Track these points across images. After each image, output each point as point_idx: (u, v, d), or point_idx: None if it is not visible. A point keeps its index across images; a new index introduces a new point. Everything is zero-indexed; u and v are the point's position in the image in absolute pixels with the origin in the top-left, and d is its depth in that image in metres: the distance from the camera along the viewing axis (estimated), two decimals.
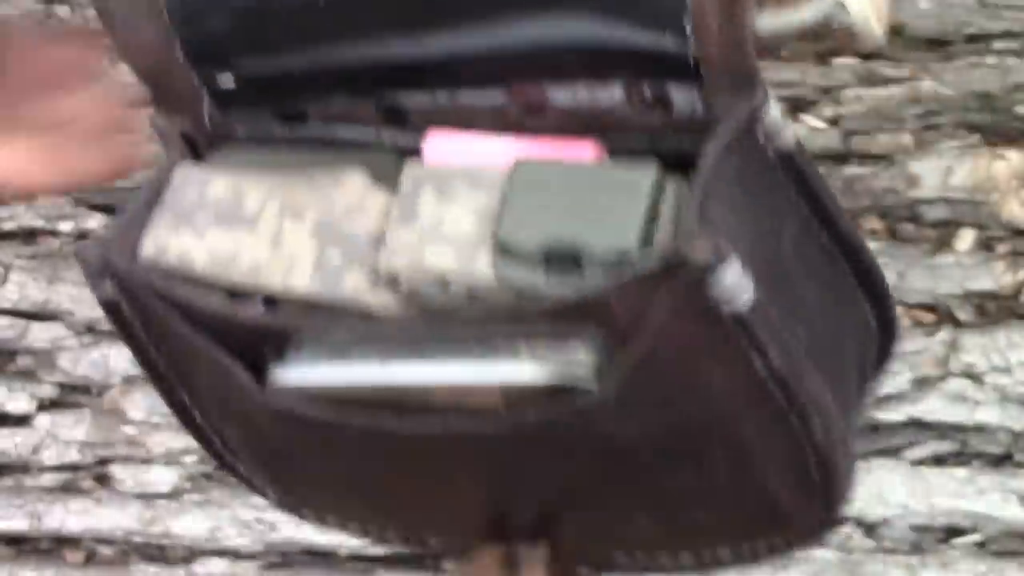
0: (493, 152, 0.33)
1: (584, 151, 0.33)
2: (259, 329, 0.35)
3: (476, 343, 0.33)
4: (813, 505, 0.38)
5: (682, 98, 0.33)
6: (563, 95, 0.34)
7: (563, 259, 0.32)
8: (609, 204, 0.32)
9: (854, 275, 0.36)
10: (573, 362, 0.32)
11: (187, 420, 0.42)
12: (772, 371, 0.32)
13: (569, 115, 0.34)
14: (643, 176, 0.32)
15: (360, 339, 0.34)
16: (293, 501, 0.45)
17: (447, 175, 0.34)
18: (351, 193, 0.35)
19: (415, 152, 0.35)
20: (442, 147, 0.34)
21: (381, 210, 0.34)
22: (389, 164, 0.35)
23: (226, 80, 0.37)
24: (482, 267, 0.33)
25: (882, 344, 0.38)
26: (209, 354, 0.36)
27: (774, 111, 0.32)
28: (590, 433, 0.34)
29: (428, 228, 0.34)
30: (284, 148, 0.37)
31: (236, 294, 0.36)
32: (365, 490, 0.41)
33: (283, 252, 0.35)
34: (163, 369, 0.40)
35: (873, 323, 0.38)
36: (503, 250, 0.33)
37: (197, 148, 0.37)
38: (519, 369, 0.33)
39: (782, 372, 0.32)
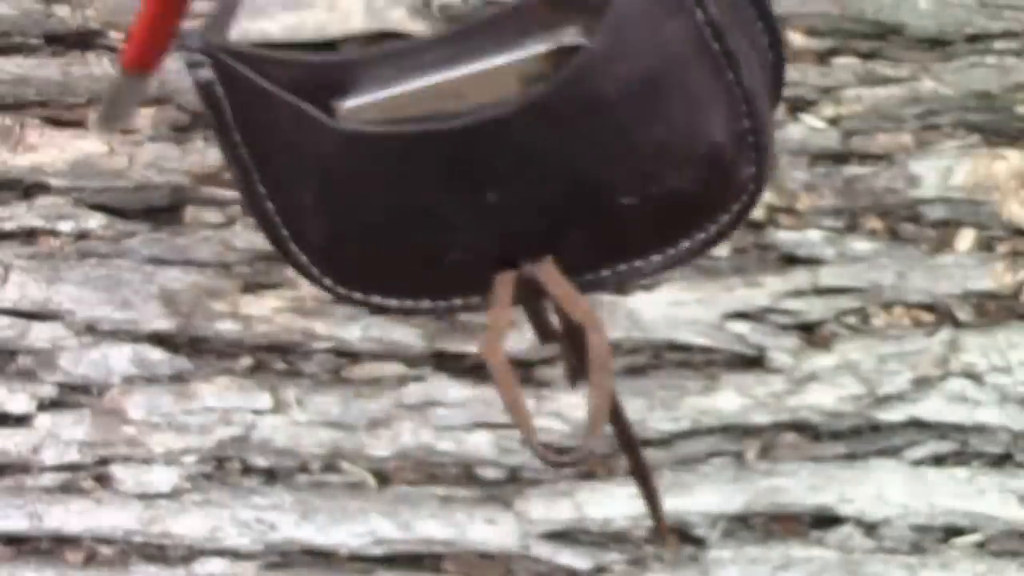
0: None
1: None
2: (327, 68, 0.44)
3: (492, 44, 0.43)
4: (748, 154, 0.46)
5: None
6: None
7: None
8: None
9: (758, 15, 0.48)
10: (567, 34, 0.42)
11: (259, 211, 0.47)
12: (710, 21, 0.42)
13: None
14: None
15: (402, 65, 0.43)
16: (345, 282, 0.49)
17: None
18: None
19: None
20: None
21: None
22: None
23: None
24: None
25: (775, 78, 0.49)
26: (286, 105, 0.43)
27: None
28: (585, 93, 0.43)
29: None
30: None
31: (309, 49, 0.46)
32: (405, 245, 0.47)
33: (338, 11, 0.46)
34: (245, 155, 0.46)
35: (770, 55, 0.48)
36: None
37: None
38: (527, 50, 0.42)
39: (717, 22, 0.42)
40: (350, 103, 0.43)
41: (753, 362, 0.74)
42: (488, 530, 0.73)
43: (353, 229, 0.47)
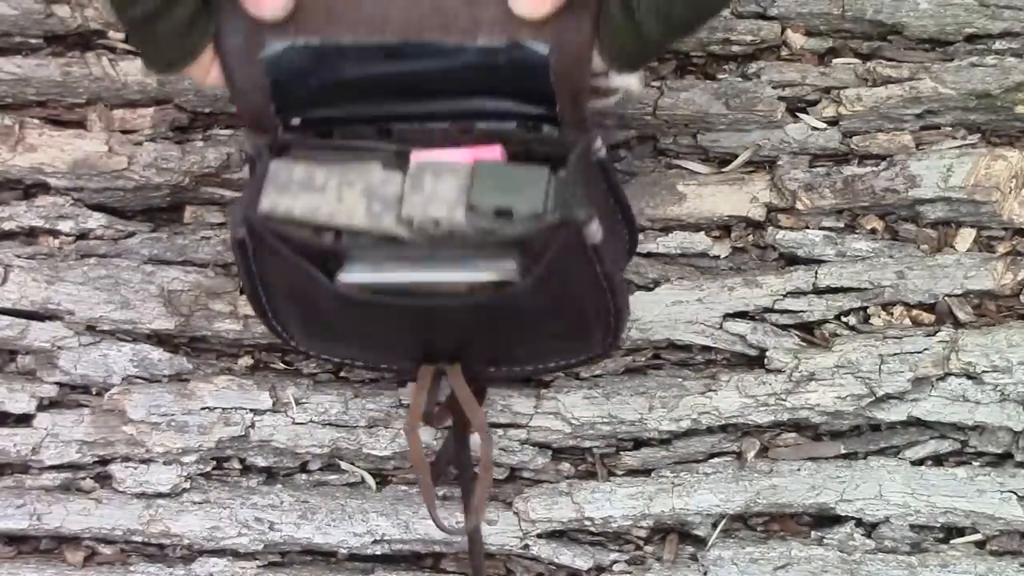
0: (452, 156, 0.60)
1: (495, 152, 0.60)
2: (331, 250, 0.60)
3: (453, 259, 0.60)
4: (608, 335, 0.66)
5: (547, 129, 0.62)
6: (483, 125, 0.63)
7: (504, 214, 0.59)
8: (527, 187, 0.59)
9: (624, 224, 0.68)
10: (509, 270, 0.59)
11: (260, 312, 0.66)
12: (604, 273, 0.61)
13: (485, 134, 0.62)
14: (541, 172, 0.59)
15: (388, 254, 0.60)
16: (312, 347, 0.69)
17: (437, 166, 0.60)
18: (378, 173, 0.60)
19: (401, 155, 0.61)
20: (423, 154, 0.61)
21: (399, 183, 0.60)
22: (389, 160, 0.61)
23: (295, 121, 0.63)
24: (459, 217, 0.59)
25: (629, 251, 0.70)
26: (299, 267, 0.60)
27: (597, 140, 0.62)
28: (510, 306, 0.61)
29: (428, 194, 0.59)
30: (321, 152, 0.62)
31: (319, 230, 0.61)
32: (364, 339, 0.67)
33: (345, 205, 0.60)
34: (259, 289, 0.64)
35: (627, 244, 0.69)
36: (471, 208, 0.59)
37: (272, 152, 0.62)
38: (478, 274, 0.60)
39: (609, 272, 0.61)
40: (346, 276, 0.60)
41: (753, 362, 0.74)
42: (488, 530, 0.73)
43: (324, 343, 0.68)
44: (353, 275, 0.60)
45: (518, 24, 0.58)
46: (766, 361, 0.73)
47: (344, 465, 0.75)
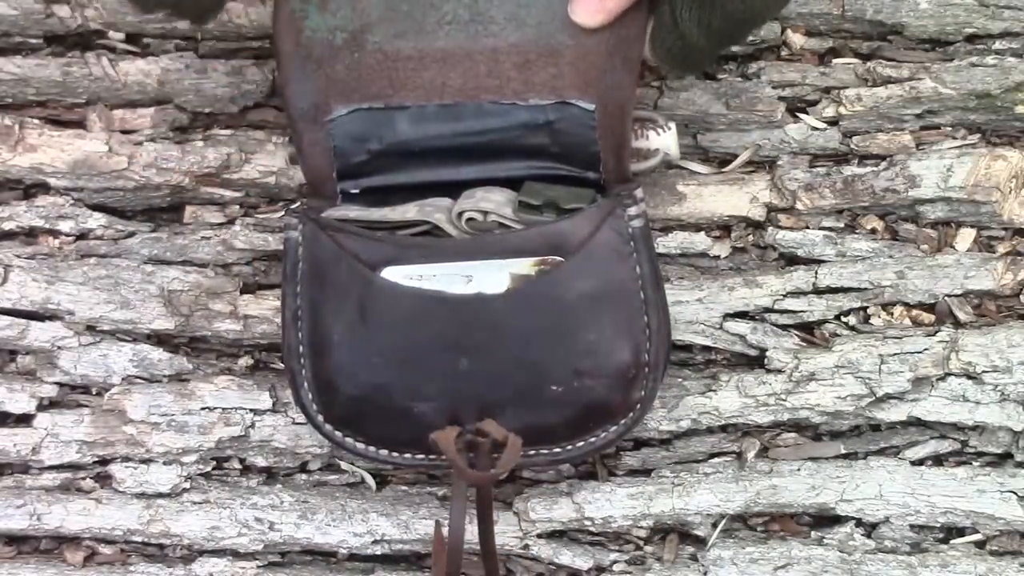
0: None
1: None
2: (379, 244, 0.64)
3: (496, 247, 0.64)
4: (642, 382, 0.65)
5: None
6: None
7: (551, 205, 0.65)
8: (574, 192, 0.65)
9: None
10: (551, 259, 0.64)
11: (291, 343, 0.66)
12: (642, 275, 0.64)
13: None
14: (587, 189, 0.66)
15: (434, 251, 0.64)
16: (333, 422, 0.67)
17: (490, 188, 0.66)
18: (430, 198, 0.66)
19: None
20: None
21: (451, 202, 0.65)
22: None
23: (353, 189, 0.68)
24: (508, 212, 0.64)
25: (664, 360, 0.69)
26: (350, 264, 0.64)
27: (638, 192, 0.65)
28: (553, 293, 0.63)
29: (479, 198, 0.65)
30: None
31: (373, 228, 0.65)
32: (390, 388, 0.65)
33: (398, 212, 0.65)
34: (299, 300, 0.65)
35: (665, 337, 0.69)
36: (521, 203, 0.65)
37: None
38: (521, 258, 0.63)
39: (647, 277, 0.65)
40: (391, 270, 0.63)
41: (753, 362, 0.74)
42: None
43: (359, 364, 0.64)
44: (398, 267, 0.64)
45: (566, 86, 0.64)
46: (766, 361, 0.73)
47: (344, 465, 0.75)
